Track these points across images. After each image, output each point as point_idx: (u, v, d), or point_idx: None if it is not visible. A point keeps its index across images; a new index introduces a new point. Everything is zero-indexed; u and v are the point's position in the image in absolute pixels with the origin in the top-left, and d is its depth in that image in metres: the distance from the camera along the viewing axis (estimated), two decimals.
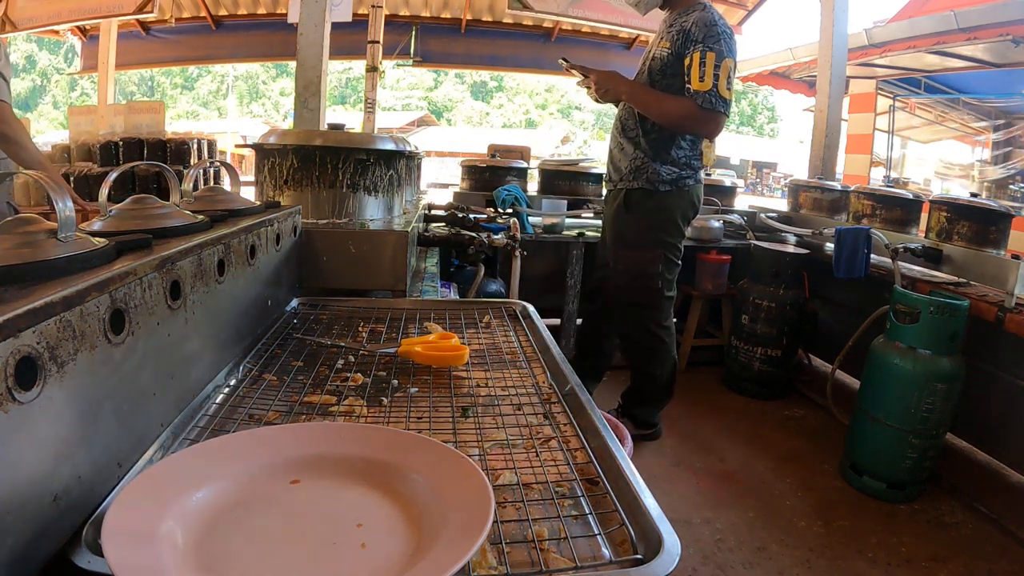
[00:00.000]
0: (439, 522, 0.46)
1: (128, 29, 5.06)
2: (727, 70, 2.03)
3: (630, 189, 2.25)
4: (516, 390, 0.79)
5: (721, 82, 2.03)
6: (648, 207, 2.22)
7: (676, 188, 2.20)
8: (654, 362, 2.37)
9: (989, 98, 6.13)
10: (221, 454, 0.53)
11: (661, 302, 2.29)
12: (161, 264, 0.61)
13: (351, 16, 3.27)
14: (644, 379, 2.44)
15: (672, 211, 2.23)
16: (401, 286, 1.24)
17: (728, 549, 1.89)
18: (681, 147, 2.19)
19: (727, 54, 2.03)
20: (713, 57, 2.01)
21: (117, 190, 1.14)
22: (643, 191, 2.22)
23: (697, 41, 2.03)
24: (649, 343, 2.34)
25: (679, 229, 2.27)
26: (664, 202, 2.21)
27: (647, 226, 2.24)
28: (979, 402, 2.26)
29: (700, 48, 2.02)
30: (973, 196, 2.62)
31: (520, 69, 6.26)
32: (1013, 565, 1.90)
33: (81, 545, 0.44)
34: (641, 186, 2.21)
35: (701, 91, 2.03)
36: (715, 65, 2.02)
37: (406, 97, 27.64)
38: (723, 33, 2.03)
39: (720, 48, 2.01)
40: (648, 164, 2.20)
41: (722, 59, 2.02)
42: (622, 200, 2.28)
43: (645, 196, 2.22)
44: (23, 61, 24.13)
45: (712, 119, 2.07)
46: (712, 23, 2.04)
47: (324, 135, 1.34)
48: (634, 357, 2.45)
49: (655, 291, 2.27)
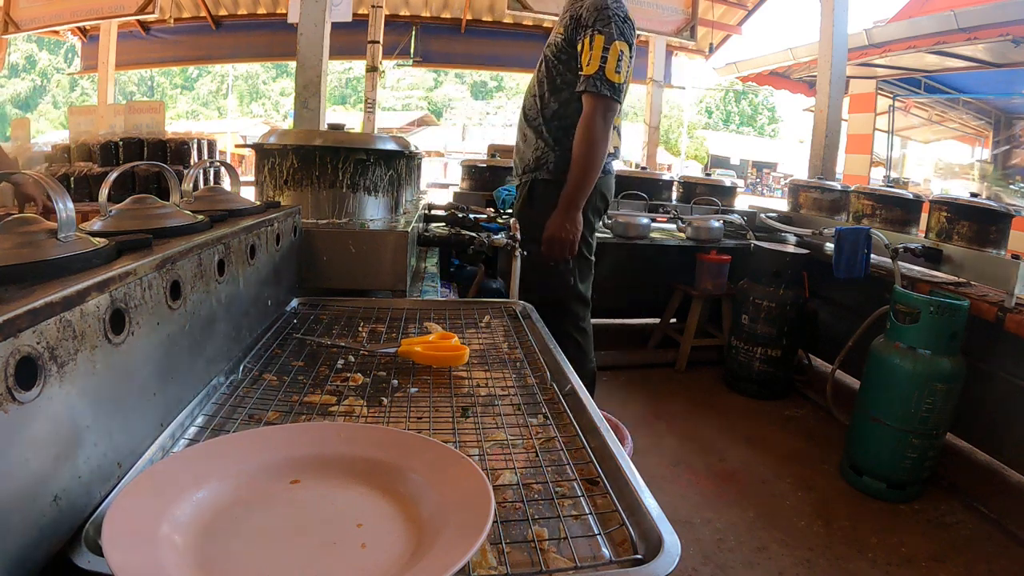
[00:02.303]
0: (439, 522, 0.46)
1: (128, 29, 5.06)
2: (616, 53, 1.93)
3: (534, 180, 2.15)
4: (516, 390, 0.79)
5: (609, 64, 1.93)
6: (552, 199, 2.09)
7: None
8: None
9: (989, 98, 6.13)
10: (221, 454, 0.53)
11: (574, 303, 2.18)
12: (161, 264, 0.60)
13: (351, 16, 3.27)
14: None
15: None
16: (401, 286, 1.24)
17: (728, 549, 1.89)
18: None
19: (616, 37, 1.93)
20: (602, 40, 1.93)
21: (117, 190, 1.14)
22: (546, 182, 2.11)
23: (587, 26, 1.95)
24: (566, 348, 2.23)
25: (588, 222, 2.13)
26: None
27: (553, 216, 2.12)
28: (979, 402, 2.26)
29: (590, 33, 1.94)
30: (973, 196, 2.62)
31: (520, 69, 6.26)
32: (1013, 565, 1.90)
33: (81, 545, 0.44)
34: (544, 177, 2.11)
35: (587, 75, 1.95)
36: (603, 48, 1.93)
37: (406, 97, 27.66)
38: (614, 16, 1.94)
39: (609, 31, 1.93)
40: (549, 153, 2.10)
41: (611, 42, 1.93)
42: (526, 193, 2.17)
43: (548, 187, 2.11)
44: (23, 61, 24.13)
45: (599, 105, 1.96)
46: (603, 7, 1.95)
47: (324, 135, 1.34)
48: None
49: (567, 288, 2.15)
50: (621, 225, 3.05)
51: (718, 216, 3.36)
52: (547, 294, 2.16)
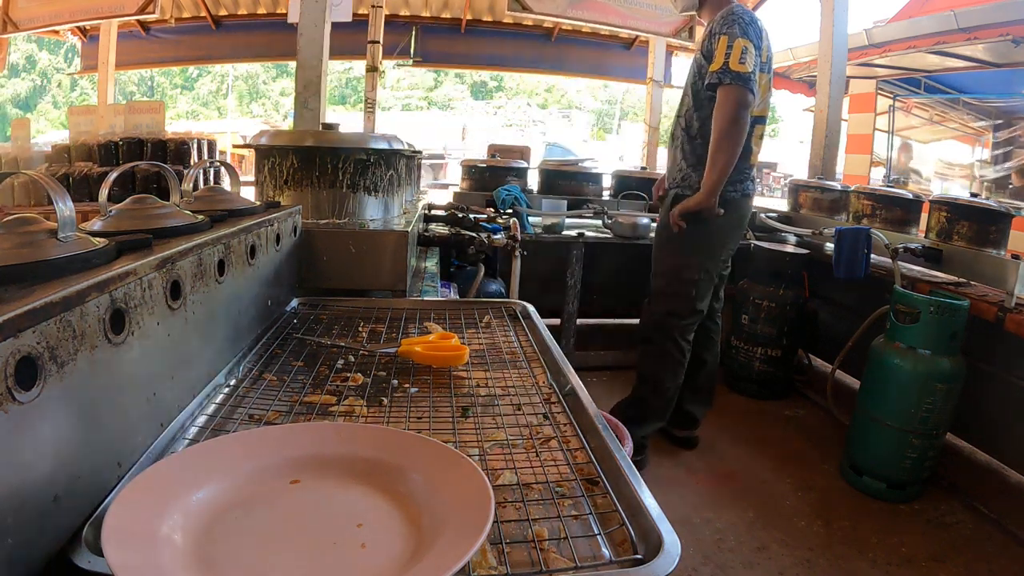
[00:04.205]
0: (439, 522, 0.46)
1: (128, 29, 5.06)
2: (740, 48, 2.00)
3: (677, 196, 2.24)
4: (516, 390, 0.79)
5: (732, 57, 2.00)
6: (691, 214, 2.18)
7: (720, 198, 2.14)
8: (668, 372, 2.30)
9: (989, 98, 6.13)
10: (221, 454, 0.53)
11: (692, 314, 2.26)
12: (161, 264, 0.61)
13: (351, 16, 3.27)
14: (650, 388, 2.35)
15: (711, 222, 2.17)
16: (401, 286, 1.24)
17: (728, 549, 1.89)
18: None
19: (740, 35, 2.01)
20: (725, 40, 2.01)
21: (117, 190, 1.14)
22: (687, 198, 2.19)
23: (715, 33, 2.05)
24: (668, 351, 2.29)
25: (720, 242, 2.24)
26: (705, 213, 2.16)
27: (689, 231, 2.19)
28: (979, 402, 2.25)
29: (717, 37, 2.04)
30: (973, 196, 2.62)
31: (520, 69, 6.26)
32: (1013, 565, 1.90)
33: (81, 545, 0.44)
34: (685, 193, 2.20)
35: (712, 71, 2.04)
36: (727, 46, 2.01)
37: (406, 97, 27.63)
38: (738, 19, 2.03)
39: (732, 31, 2.01)
40: (690, 173, 2.20)
41: (734, 39, 2.00)
42: (669, 204, 2.27)
43: None
44: (23, 61, 24.11)
45: (726, 95, 2.02)
46: (729, 13, 2.06)
47: (325, 135, 1.34)
48: (649, 363, 2.36)
49: (688, 299, 2.23)
50: (621, 225, 3.05)
51: None
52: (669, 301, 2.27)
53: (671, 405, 2.36)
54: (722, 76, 2.01)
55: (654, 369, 2.35)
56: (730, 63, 2.00)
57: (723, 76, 2.01)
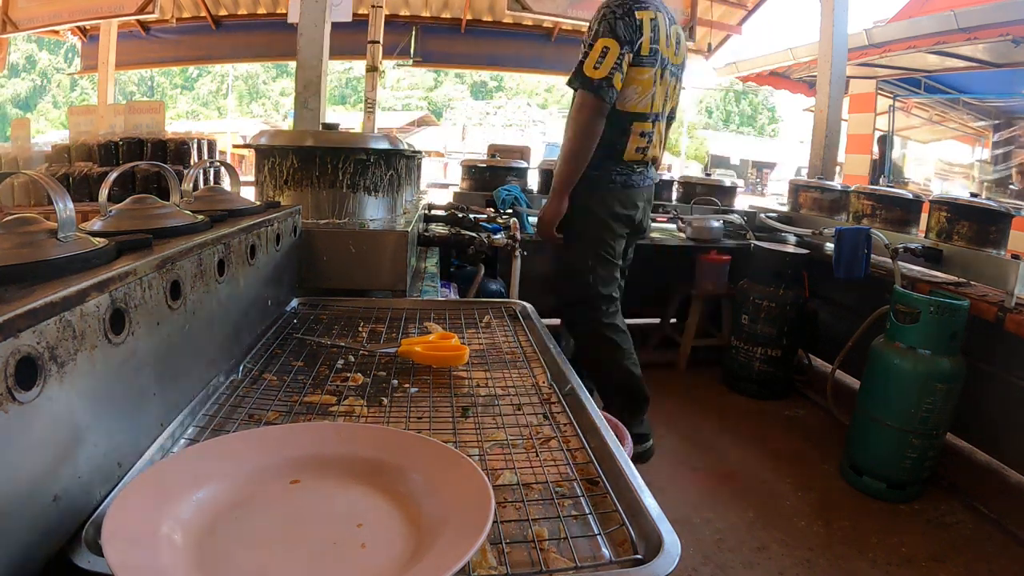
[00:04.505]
0: (439, 522, 0.46)
1: (128, 29, 5.05)
2: (599, 49, 1.93)
3: None
4: (516, 390, 0.79)
5: (589, 60, 1.95)
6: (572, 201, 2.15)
7: (592, 181, 2.12)
8: (604, 363, 2.27)
9: (989, 98, 6.13)
10: (221, 454, 0.53)
11: (597, 300, 2.21)
12: (161, 264, 0.60)
13: (351, 16, 3.26)
14: (600, 384, 2.32)
15: (592, 203, 2.15)
16: (401, 286, 1.24)
17: (728, 549, 1.89)
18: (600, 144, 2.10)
19: (603, 34, 1.94)
20: (590, 38, 1.96)
21: (117, 190, 1.14)
22: None
23: (590, 28, 2.00)
24: (594, 342, 2.26)
25: (606, 223, 2.18)
26: (585, 194, 2.14)
27: (573, 221, 2.17)
28: (979, 402, 2.26)
29: (589, 33, 1.98)
30: (973, 196, 2.62)
31: (520, 69, 6.25)
32: (1013, 565, 1.90)
33: (81, 545, 0.44)
34: None
35: (572, 72, 2.00)
36: (588, 44, 1.96)
37: (406, 97, 27.65)
38: (608, 15, 1.95)
39: (599, 28, 1.95)
40: None
41: (596, 39, 1.94)
42: None
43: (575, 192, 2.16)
44: (23, 61, 24.11)
45: (576, 98, 2.00)
46: (604, 4, 1.98)
47: (325, 135, 1.34)
48: (584, 360, 2.32)
49: (587, 287, 2.20)
50: None
51: (718, 216, 3.36)
52: (572, 294, 2.26)
53: (636, 387, 2.28)
54: (572, 79, 2.00)
55: (589, 365, 2.31)
56: (584, 66, 1.96)
57: (573, 80, 2.00)
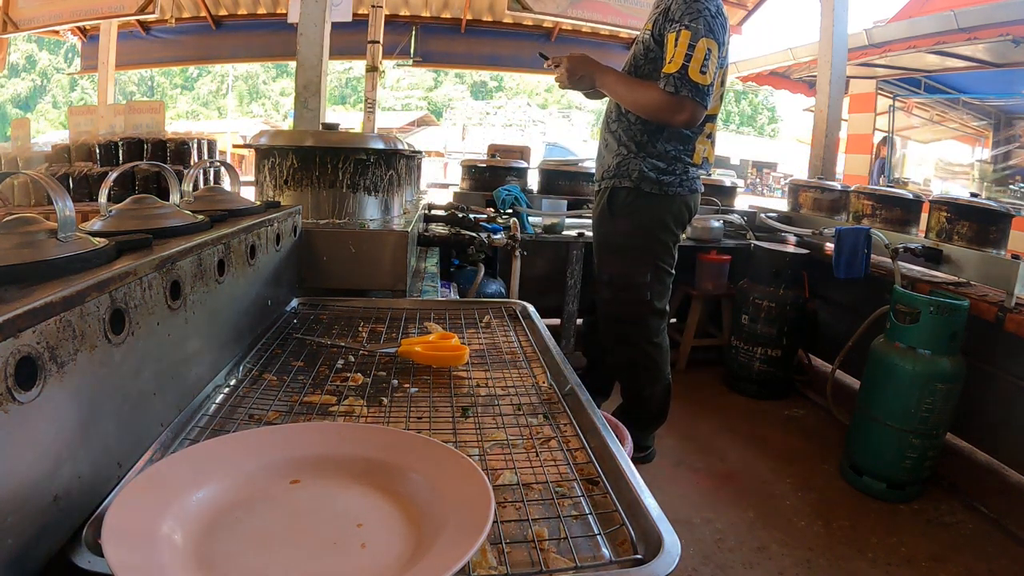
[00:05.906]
0: (439, 522, 0.46)
1: (128, 29, 5.05)
2: (703, 52, 1.79)
3: (614, 188, 2.04)
4: (516, 390, 0.79)
5: (693, 64, 1.79)
6: (633, 208, 2.02)
7: (664, 187, 1.99)
8: (643, 383, 2.16)
9: (989, 98, 6.13)
10: (221, 454, 0.53)
11: (650, 317, 2.08)
12: (161, 264, 0.61)
13: (351, 16, 3.27)
14: (634, 401, 2.22)
15: (660, 212, 2.01)
16: (401, 286, 1.24)
17: (728, 549, 1.89)
18: (669, 141, 1.97)
19: (705, 34, 1.79)
20: (688, 36, 1.79)
21: (117, 190, 1.14)
22: (627, 190, 2.01)
23: (675, 20, 1.82)
24: (638, 362, 2.14)
25: (672, 233, 2.05)
26: (651, 203, 2.00)
27: (633, 230, 2.03)
28: (979, 402, 2.26)
29: (677, 28, 1.81)
30: (973, 196, 2.63)
31: (520, 69, 6.25)
32: (1013, 565, 1.90)
33: (81, 545, 0.44)
34: (625, 185, 2.01)
35: (668, 73, 1.82)
36: (689, 45, 1.79)
37: (406, 97, 27.67)
38: (704, 11, 1.81)
39: (697, 27, 1.79)
40: (630, 160, 1.99)
41: (698, 38, 1.79)
42: (605, 200, 2.07)
43: (630, 196, 2.02)
44: (23, 61, 24.12)
45: (678, 105, 1.82)
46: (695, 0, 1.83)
47: (325, 135, 1.34)
48: (622, 377, 2.23)
49: (643, 304, 2.06)
50: None
51: (718, 216, 3.36)
52: (623, 310, 2.11)
53: (664, 406, 2.23)
54: (679, 85, 1.80)
55: (627, 382, 2.22)
56: (690, 71, 1.79)
57: (680, 86, 1.80)
